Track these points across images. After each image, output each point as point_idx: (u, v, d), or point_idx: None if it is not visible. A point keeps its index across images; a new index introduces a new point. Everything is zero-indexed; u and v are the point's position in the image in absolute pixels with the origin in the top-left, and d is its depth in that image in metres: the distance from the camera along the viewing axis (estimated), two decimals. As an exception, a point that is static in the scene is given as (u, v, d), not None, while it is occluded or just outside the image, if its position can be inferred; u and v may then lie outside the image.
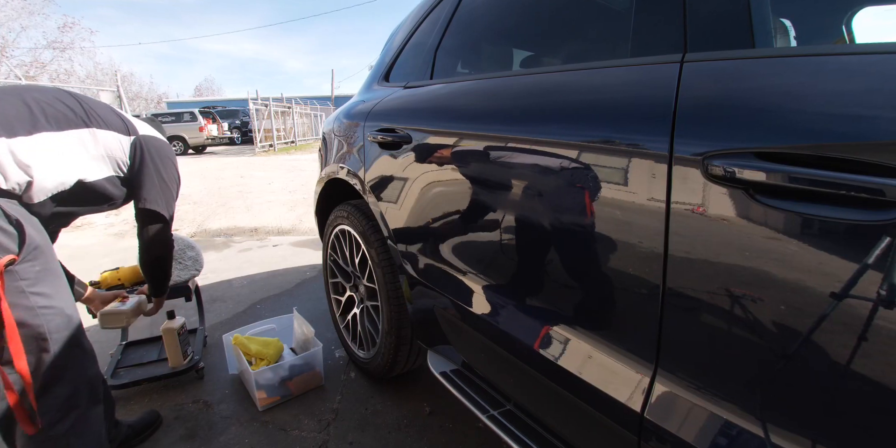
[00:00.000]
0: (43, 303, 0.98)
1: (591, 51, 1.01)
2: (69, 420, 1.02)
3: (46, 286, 0.99)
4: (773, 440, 0.55)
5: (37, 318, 0.97)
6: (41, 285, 0.98)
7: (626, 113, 0.70)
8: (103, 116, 1.18)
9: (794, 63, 0.56)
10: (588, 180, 0.74)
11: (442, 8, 1.41)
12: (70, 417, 1.02)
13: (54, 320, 1.00)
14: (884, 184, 0.44)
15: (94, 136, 1.14)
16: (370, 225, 1.47)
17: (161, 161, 1.28)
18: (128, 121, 1.25)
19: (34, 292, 0.97)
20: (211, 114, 15.08)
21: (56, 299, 1.01)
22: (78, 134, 1.10)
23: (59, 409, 1.00)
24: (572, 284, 0.81)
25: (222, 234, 3.96)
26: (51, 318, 0.99)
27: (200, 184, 7.01)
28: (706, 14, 0.67)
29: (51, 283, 1.01)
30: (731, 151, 0.55)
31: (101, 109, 1.20)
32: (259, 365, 1.55)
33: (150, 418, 1.42)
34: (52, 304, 1.00)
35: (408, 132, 1.23)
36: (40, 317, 0.97)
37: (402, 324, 1.40)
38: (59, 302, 1.02)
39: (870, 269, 0.46)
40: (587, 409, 0.78)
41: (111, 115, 1.22)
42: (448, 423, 1.43)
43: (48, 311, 0.99)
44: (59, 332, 1.01)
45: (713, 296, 0.59)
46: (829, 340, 0.50)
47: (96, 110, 1.17)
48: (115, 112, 1.25)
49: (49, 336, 0.99)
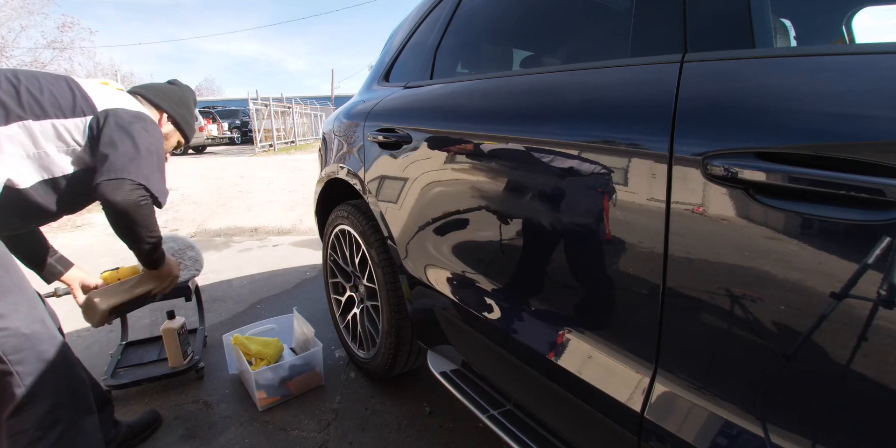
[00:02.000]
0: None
1: (591, 51, 1.01)
2: (52, 435, 0.97)
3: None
4: (773, 440, 0.55)
5: None
6: None
7: (626, 113, 0.70)
8: (46, 101, 0.98)
9: (794, 63, 0.56)
10: (588, 180, 0.74)
11: (442, 8, 1.41)
12: (53, 433, 0.97)
13: (8, 342, 0.92)
14: (884, 184, 0.44)
15: (27, 130, 0.96)
16: (370, 225, 1.47)
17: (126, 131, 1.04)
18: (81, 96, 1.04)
19: None
20: (211, 114, 15.09)
21: (8, 319, 0.92)
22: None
23: (39, 427, 0.96)
24: (572, 284, 0.81)
25: (222, 234, 3.96)
26: (3, 342, 0.92)
27: (200, 184, 7.00)
28: (706, 14, 0.67)
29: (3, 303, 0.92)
30: (731, 151, 0.55)
31: (46, 91, 0.99)
32: (259, 365, 1.55)
33: (149, 418, 1.41)
34: (4, 326, 0.91)
35: (408, 132, 1.23)
36: None
37: (402, 324, 1.40)
38: (12, 322, 0.93)
39: (870, 269, 0.45)
40: (587, 409, 0.78)
41: (61, 94, 1.01)
42: (448, 423, 1.43)
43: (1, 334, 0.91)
44: (16, 353, 0.93)
45: (713, 296, 0.59)
46: (829, 340, 0.50)
47: (35, 94, 0.98)
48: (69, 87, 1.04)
49: (5, 358, 0.92)
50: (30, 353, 0.96)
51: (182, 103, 1.32)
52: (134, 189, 0.99)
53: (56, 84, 1.03)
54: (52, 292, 1.48)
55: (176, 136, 1.35)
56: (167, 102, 1.28)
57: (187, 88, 1.37)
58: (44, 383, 0.97)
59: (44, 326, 1.00)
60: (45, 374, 0.98)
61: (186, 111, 1.33)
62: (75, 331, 2.11)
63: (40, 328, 0.99)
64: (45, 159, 1.00)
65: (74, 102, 1.03)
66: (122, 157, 0.99)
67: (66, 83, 1.05)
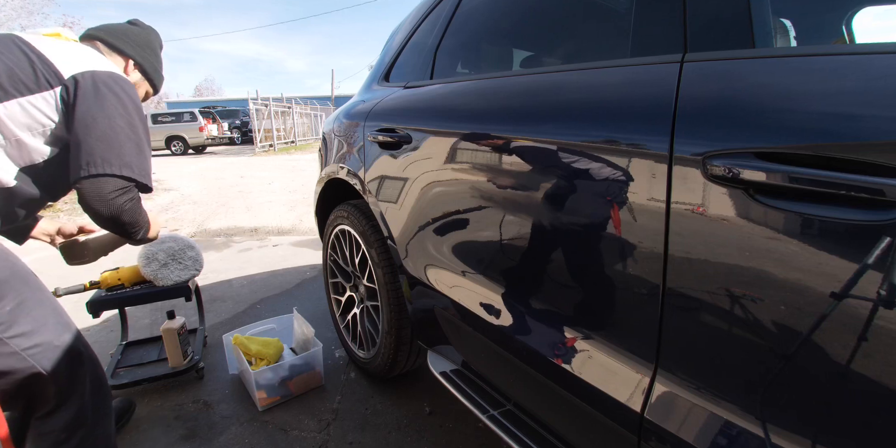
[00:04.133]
0: (26, 344, 0.87)
1: (592, 51, 1.01)
2: (76, 439, 0.97)
3: (25, 324, 0.87)
4: (773, 440, 0.55)
5: (24, 361, 0.87)
6: (18, 326, 0.86)
7: (626, 113, 0.70)
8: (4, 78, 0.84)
9: (794, 63, 0.56)
10: (588, 180, 0.74)
11: (442, 8, 1.41)
12: (76, 436, 0.97)
13: (45, 356, 0.90)
14: (884, 184, 0.44)
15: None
16: (370, 225, 1.47)
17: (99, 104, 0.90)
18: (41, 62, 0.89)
19: (12, 336, 0.85)
20: (211, 114, 15.12)
21: (40, 335, 0.89)
22: None
23: (65, 429, 0.95)
24: (572, 284, 0.81)
25: (222, 234, 3.96)
26: (41, 357, 0.89)
27: (200, 184, 7.01)
28: (706, 14, 0.67)
29: (30, 318, 0.88)
30: (731, 151, 0.55)
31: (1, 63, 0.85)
32: (259, 365, 1.55)
33: (125, 405, 1.45)
34: (38, 342, 0.89)
35: (408, 132, 1.23)
36: (28, 359, 0.87)
37: (403, 324, 1.40)
38: (44, 336, 0.90)
39: (870, 269, 0.45)
40: (587, 409, 0.78)
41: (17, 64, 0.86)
42: (448, 423, 1.43)
43: (35, 351, 0.88)
44: (54, 365, 0.91)
45: (713, 296, 0.59)
46: (829, 340, 0.50)
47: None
48: (23, 53, 0.88)
49: (45, 371, 0.90)
50: (63, 360, 0.93)
51: (147, 46, 1.16)
52: (117, 192, 0.91)
53: (7, 52, 0.88)
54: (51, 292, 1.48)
55: (144, 85, 1.21)
56: (131, 47, 1.13)
57: (151, 29, 1.21)
58: (74, 388, 0.97)
59: (70, 331, 0.97)
60: (75, 378, 0.97)
61: (153, 56, 1.18)
62: (75, 331, 2.11)
63: (69, 336, 0.96)
64: (20, 147, 0.90)
65: (35, 72, 0.88)
66: (99, 143, 0.88)
67: (17, 48, 0.89)
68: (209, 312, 2.25)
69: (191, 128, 13.89)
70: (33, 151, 0.92)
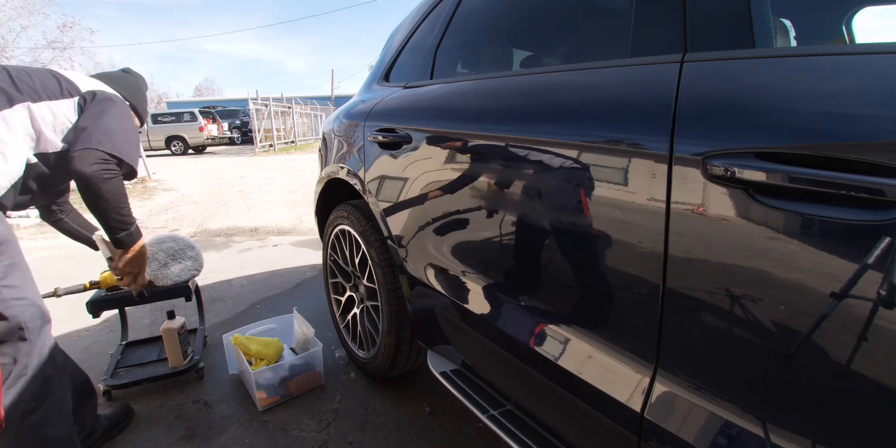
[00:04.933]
0: (14, 295, 1.00)
1: (592, 50, 1.01)
2: (42, 409, 1.04)
3: (16, 279, 1.01)
4: (773, 440, 0.55)
5: (10, 309, 0.99)
6: (10, 278, 1.00)
7: (626, 113, 0.70)
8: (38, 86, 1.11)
9: (794, 63, 0.56)
10: (588, 180, 0.74)
11: (442, 8, 1.41)
12: (44, 406, 1.04)
13: (28, 311, 1.02)
14: (884, 184, 0.44)
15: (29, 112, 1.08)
16: (370, 225, 1.47)
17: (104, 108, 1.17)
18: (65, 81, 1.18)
19: (4, 285, 0.98)
20: (211, 114, 15.11)
21: (26, 291, 1.03)
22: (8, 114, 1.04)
23: (34, 398, 1.03)
24: (572, 284, 0.81)
25: (222, 234, 3.96)
26: (24, 309, 1.01)
27: (200, 184, 7.01)
28: (706, 14, 0.67)
29: (20, 276, 1.02)
30: (731, 151, 0.55)
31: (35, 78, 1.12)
32: (259, 365, 1.55)
33: (123, 411, 1.46)
34: (23, 296, 1.02)
35: (408, 132, 1.23)
36: (13, 308, 0.99)
37: (403, 324, 1.40)
38: (29, 293, 1.04)
39: (870, 269, 0.45)
40: (587, 409, 0.78)
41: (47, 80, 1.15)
42: (448, 423, 1.43)
43: (20, 303, 1.01)
44: (33, 322, 1.03)
45: (713, 296, 0.59)
46: (829, 340, 0.50)
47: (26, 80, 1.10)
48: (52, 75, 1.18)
49: (25, 326, 1.01)
50: (39, 324, 1.05)
51: (137, 90, 1.45)
52: (101, 162, 1.08)
53: (41, 74, 1.17)
54: (51, 292, 1.48)
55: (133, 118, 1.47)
56: (125, 89, 1.39)
57: (139, 76, 1.51)
58: (46, 356, 1.07)
59: (45, 306, 1.10)
60: (48, 348, 1.08)
61: (141, 97, 1.47)
62: (75, 331, 2.11)
63: (43, 306, 1.09)
64: (41, 138, 1.12)
65: (61, 86, 1.16)
66: (97, 130, 1.10)
67: (49, 73, 1.19)
68: (209, 312, 2.25)
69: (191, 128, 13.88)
70: (49, 144, 1.14)
